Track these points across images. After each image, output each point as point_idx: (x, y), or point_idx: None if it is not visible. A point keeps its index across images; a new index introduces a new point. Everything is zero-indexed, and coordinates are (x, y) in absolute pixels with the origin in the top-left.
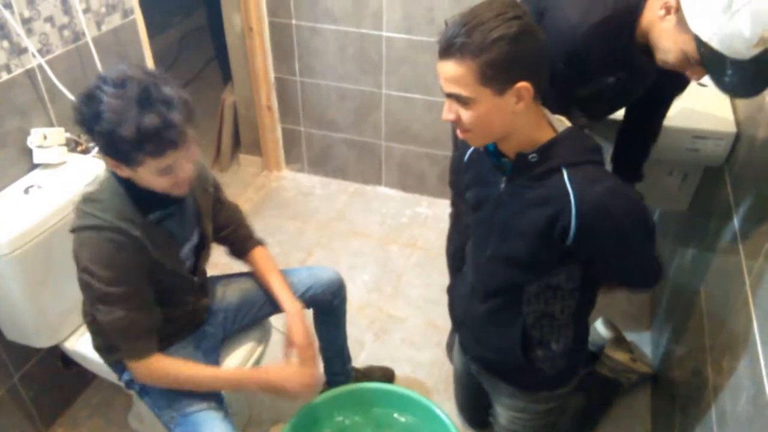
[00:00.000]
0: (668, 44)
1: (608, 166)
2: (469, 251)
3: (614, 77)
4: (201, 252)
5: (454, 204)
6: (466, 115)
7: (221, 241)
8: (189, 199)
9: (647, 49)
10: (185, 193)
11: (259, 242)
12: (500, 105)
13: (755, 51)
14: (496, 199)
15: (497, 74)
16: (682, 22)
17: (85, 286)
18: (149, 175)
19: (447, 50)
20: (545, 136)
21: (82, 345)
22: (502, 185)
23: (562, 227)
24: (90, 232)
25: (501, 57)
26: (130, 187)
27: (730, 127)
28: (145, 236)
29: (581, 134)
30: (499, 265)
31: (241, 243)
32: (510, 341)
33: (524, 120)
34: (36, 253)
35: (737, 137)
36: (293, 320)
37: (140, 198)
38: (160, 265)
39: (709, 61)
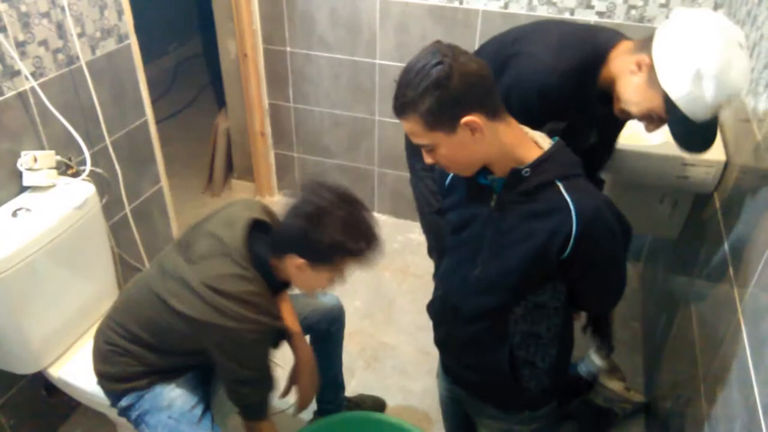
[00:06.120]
0: (636, 98)
1: None
2: (448, 274)
3: (567, 121)
4: None
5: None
6: (437, 157)
7: None
8: None
9: (603, 97)
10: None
11: None
12: (458, 142)
13: (709, 116)
14: (486, 216)
15: (437, 119)
16: (652, 81)
17: (223, 364)
18: (323, 276)
19: (396, 111)
20: (532, 152)
21: (66, 372)
22: (492, 203)
23: (561, 239)
24: (249, 336)
25: (433, 105)
26: (271, 280)
27: (720, 155)
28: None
29: (568, 149)
30: (490, 283)
31: None
32: (496, 362)
33: (497, 142)
34: (21, 277)
35: (726, 164)
36: (303, 367)
37: (274, 287)
38: None
39: (674, 118)
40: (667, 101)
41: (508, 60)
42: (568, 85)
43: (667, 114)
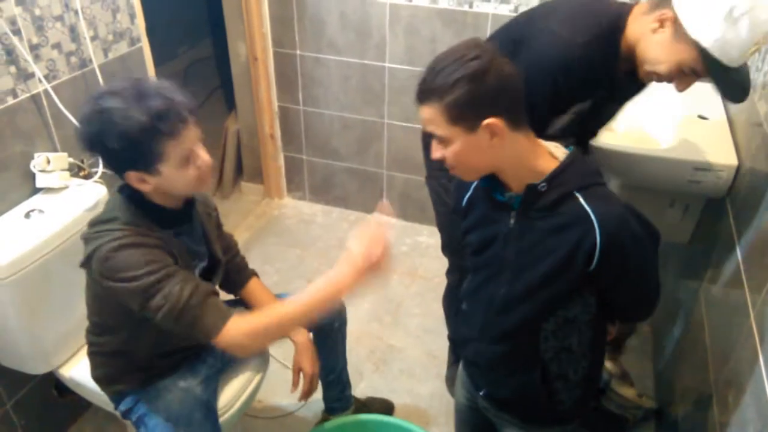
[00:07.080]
0: (661, 55)
1: None
2: (472, 295)
3: (592, 99)
4: (212, 276)
5: (455, 270)
6: (447, 152)
7: None
8: (197, 221)
9: (628, 65)
10: (208, 189)
11: (254, 272)
12: (474, 142)
13: (746, 58)
14: (506, 234)
15: (462, 114)
16: (679, 33)
17: (128, 294)
18: (173, 170)
19: (419, 95)
20: (548, 164)
21: (77, 372)
22: (512, 220)
23: (586, 251)
24: (110, 245)
25: (462, 97)
26: (143, 205)
27: (732, 159)
28: (168, 242)
29: (585, 158)
30: (516, 302)
31: (238, 273)
32: (529, 380)
33: (512, 152)
34: (34, 278)
35: (738, 169)
36: (303, 349)
37: (154, 215)
38: None
39: (711, 67)
40: (702, 51)
41: (520, 43)
42: (592, 58)
43: (704, 63)
